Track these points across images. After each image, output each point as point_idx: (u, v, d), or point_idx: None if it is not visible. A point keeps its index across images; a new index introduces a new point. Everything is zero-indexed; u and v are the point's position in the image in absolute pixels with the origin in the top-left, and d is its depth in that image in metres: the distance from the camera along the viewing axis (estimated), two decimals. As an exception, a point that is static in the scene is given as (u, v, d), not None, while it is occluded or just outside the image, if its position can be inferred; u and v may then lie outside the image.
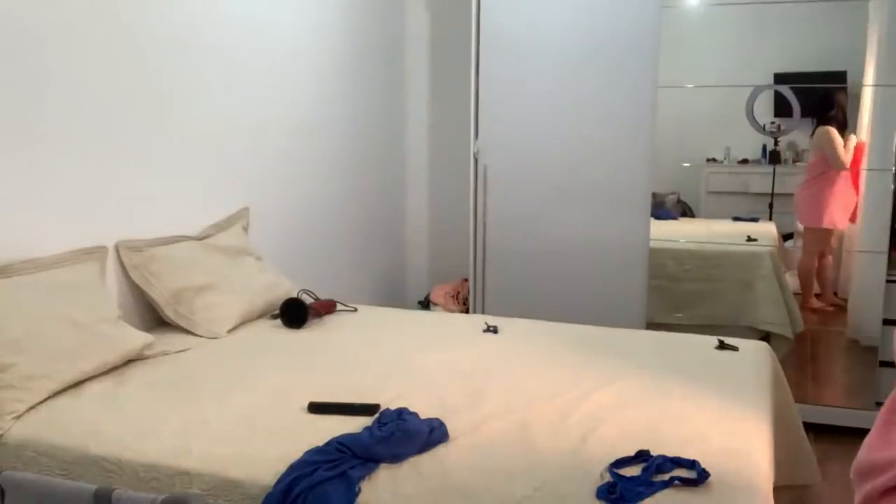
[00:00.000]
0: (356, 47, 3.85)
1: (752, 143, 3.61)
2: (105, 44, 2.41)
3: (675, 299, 3.70)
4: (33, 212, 2.22)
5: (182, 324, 2.51)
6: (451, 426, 1.79)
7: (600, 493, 1.51)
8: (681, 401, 1.97)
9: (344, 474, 1.58)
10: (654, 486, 1.52)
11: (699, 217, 3.75)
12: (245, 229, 3.01)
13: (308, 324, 2.66)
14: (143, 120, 2.57)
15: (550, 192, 3.55)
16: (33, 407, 1.91)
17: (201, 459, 1.69)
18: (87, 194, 2.38)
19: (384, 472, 1.61)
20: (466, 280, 4.00)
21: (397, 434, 1.69)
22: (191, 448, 1.72)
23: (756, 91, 3.50)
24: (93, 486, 1.50)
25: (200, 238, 2.77)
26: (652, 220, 3.47)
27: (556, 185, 3.54)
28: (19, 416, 1.87)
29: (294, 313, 2.65)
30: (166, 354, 2.32)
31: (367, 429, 1.74)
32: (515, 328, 2.65)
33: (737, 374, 2.18)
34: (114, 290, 2.47)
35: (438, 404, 1.93)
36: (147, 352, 2.28)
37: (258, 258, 2.92)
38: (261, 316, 2.77)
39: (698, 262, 3.69)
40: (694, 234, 3.70)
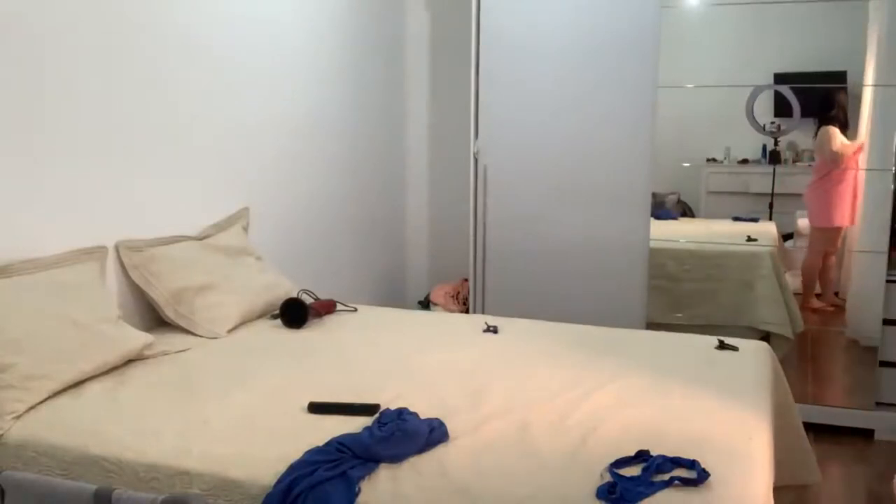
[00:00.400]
0: (356, 47, 3.85)
1: (752, 143, 3.61)
2: (105, 44, 2.41)
3: (675, 299, 3.70)
4: (33, 212, 2.22)
5: (182, 324, 2.52)
6: (451, 426, 1.79)
7: (600, 493, 1.51)
8: (681, 401, 1.97)
9: (344, 474, 1.58)
10: (654, 486, 1.52)
11: (699, 217, 3.75)
12: (245, 229, 3.01)
13: (308, 324, 2.66)
14: (143, 120, 2.57)
15: (550, 192, 3.55)
16: (33, 407, 1.91)
17: (201, 459, 1.69)
18: (87, 194, 2.39)
19: (384, 472, 1.61)
20: (466, 280, 4.00)
21: (397, 434, 1.69)
22: (191, 448, 1.72)
23: (756, 91, 3.50)
24: (93, 486, 1.50)
25: (200, 238, 2.77)
26: (652, 220, 3.47)
27: (556, 185, 3.54)
28: (19, 416, 1.87)
29: (294, 313, 2.65)
30: (166, 354, 2.32)
31: (367, 429, 1.74)
32: (515, 328, 2.65)
33: (737, 374, 2.18)
34: (114, 290, 2.48)
35: (438, 404, 1.93)
36: (147, 352, 2.28)
37: (258, 258, 2.92)
38: (261, 316, 2.77)
39: (698, 262, 3.68)
40: (694, 234, 3.70)
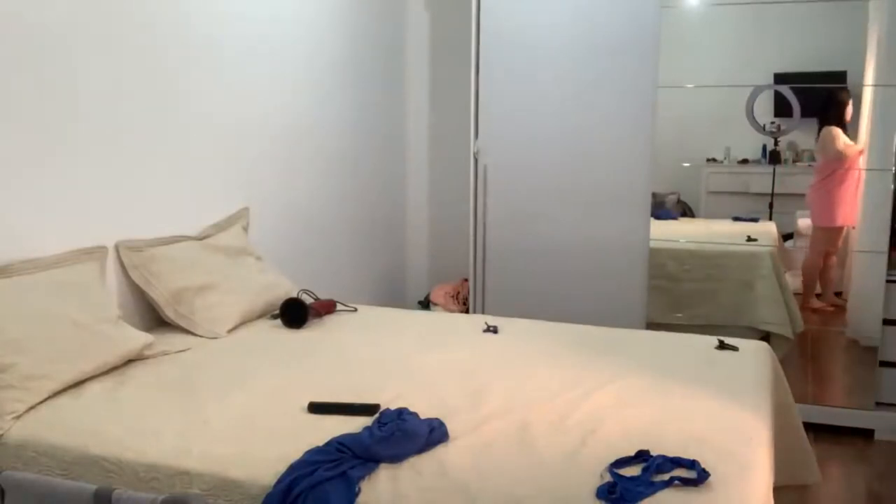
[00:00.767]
0: (356, 47, 3.85)
1: (752, 143, 3.61)
2: (106, 44, 2.41)
3: (675, 299, 3.70)
4: (33, 212, 2.22)
5: (182, 324, 2.52)
6: (451, 426, 1.79)
7: (600, 493, 1.51)
8: (681, 401, 1.97)
9: (344, 474, 1.58)
10: (654, 486, 1.52)
11: (699, 217, 3.75)
12: (245, 229, 3.01)
13: (308, 324, 2.66)
14: (143, 120, 2.57)
15: (550, 191, 3.55)
16: (33, 407, 1.91)
17: (201, 459, 1.69)
18: (87, 194, 2.39)
19: (384, 472, 1.61)
20: (466, 280, 4.00)
21: (397, 434, 1.69)
22: (191, 448, 1.72)
23: (756, 91, 3.50)
24: (93, 486, 1.50)
25: (200, 238, 2.77)
26: (652, 220, 3.47)
27: (556, 185, 3.54)
28: (19, 416, 1.87)
29: (294, 313, 2.65)
30: (166, 354, 2.32)
31: (367, 429, 1.74)
32: (515, 328, 2.65)
33: (737, 374, 2.18)
34: (114, 290, 2.48)
35: (438, 404, 1.93)
36: (147, 352, 2.28)
37: (258, 258, 2.92)
38: (261, 316, 2.77)
39: (698, 262, 3.68)
40: (694, 234, 3.70)
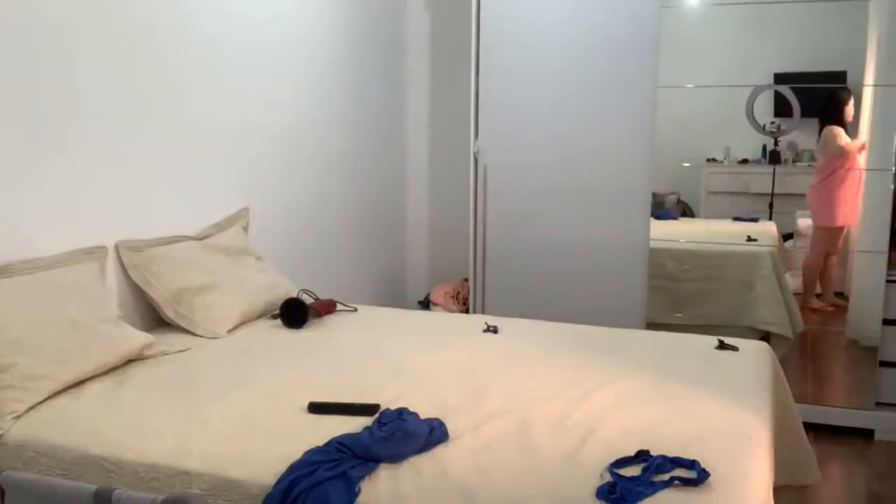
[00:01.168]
0: (356, 47, 3.85)
1: (752, 143, 3.61)
2: (106, 44, 2.41)
3: (675, 299, 3.70)
4: (33, 212, 2.22)
5: (182, 324, 2.51)
6: (451, 426, 1.78)
7: (600, 493, 1.51)
8: (681, 401, 1.97)
9: (344, 474, 1.58)
10: (654, 486, 1.52)
11: (699, 217, 3.75)
12: (245, 229, 3.01)
13: (308, 324, 2.66)
14: (143, 120, 2.57)
15: (550, 191, 3.55)
16: (33, 407, 1.91)
17: (201, 459, 1.69)
18: (87, 194, 2.38)
19: (384, 472, 1.61)
20: (466, 280, 4.00)
21: (397, 434, 1.69)
22: (191, 448, 1.72)
23: (756, 91, 3.50)
24: (93, 486, 1.50)
25: (200, 238, 2.77)
26: (652, 220, 3.47)
27: (556, 185, 3.54)
28: (19, 416, 1.87)
29: (294, 313, 2.65)
30: (166, 354, 2.32)
31: (367, 429, 1.74)
32: (515, 328, 2.65)
33: (737, 374, 2.18)
34: (114, 290, 2.48)
35: (438, 404, 1.93)
36: (147, 352, 2.28)
37: (258, 258, 2.92)
38: (261, 316, 2.77)
39: (698, 262, 3.68)
40: (694, 234, 3.69)
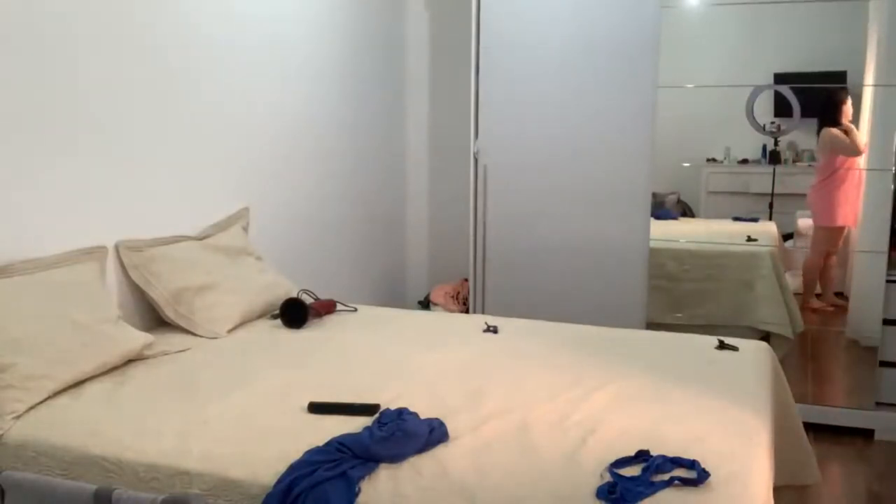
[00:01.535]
0: (356, 47, 3.85)
1: (752, 143, 3.61)
2: (106, 44, 2.41)
3: (675, 299, 3.70)
4: (33, 212, 2.22)
5: (182, 324, 2.52)
6: (451, 426, 1.79)
7: (600, 493, 1.51)
8: (681, 401, 1.97)
9: (344, 474, 1.58)
10: (654, 486, 1.52)
11: (699, 217, 3.75)
12: (245, 229, 3.01)
13: (308, 324, 2.66)
14: (143, 120, 2.57)
15: (550, 191, 3.55)
16: (33, 407, 1.91)
17: (201, 459, 1.69)
18: (87, 194, 2.39)
19: (384, 472, 1.61)
20: (466, 280, 4.00)
21: (397, 434, 1.69)
22: (191, 448, 1.72)
23: (756, 91, 3.50)
24: (93, 486, 1.50)
25: (200, 238, 2.77)
26: (652, 220, 3.47)
27: (556, 185, 3.54)
28: (19, 416, 1.88)
29: (294, 313, 2.65)
30: (166, 354, 2.32)
31: (367, 429, 1.74)
32: (515, 328, 2.65)
33: (737, 374, 2.18)
34: (114, 290, 2.48)
35: (438, 404, 1.93)
36: (147, 352, 2.28)
37: (258, 258, 2.92)
38: (261, 316, 2.77)
39: (698, 262, 3.68)
40: (694, 234, 3.69)
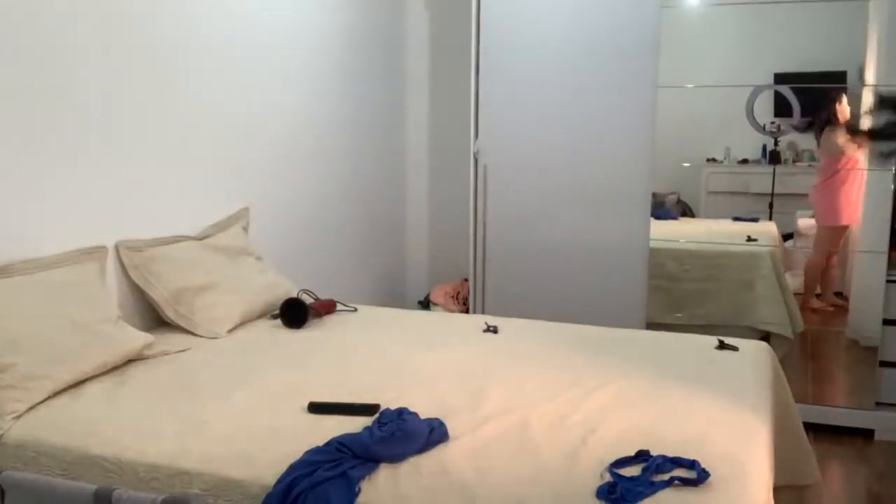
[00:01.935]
0: (356, 47, 3.85)
1: (752, 143, 3.61)
2: (106, 45, 2.41)
3: (675, 299, 3.70)
4: (33, 212, 2.22)
5: (182, 324, 2.52)
6: (451, 426, 1.79)
7: (600, 493, 1.51)
8: (681, 401, 1.97)
9: (344, 474, 1.58)
10: (654, 486, 1.52)
11: (699, 217, 3.75)
12: (245, 229, 3.01)
13: (308, 324, 2.66)
14: (143, 120, 2.57)
15: (550, 191, 3.55)
16: (33, 407, 1.91)
17: (201, 459, 1.69)
18: (87, 194, 2.38)
19: (384, 472, 1.61)
20: (466, 280, 4.00)
21: (397, 434, 1.69)
22: (191, 448, 1.72)
23: (756, 91, 3.50)
24: (93, 486, 1.50)
25: (200, 238, 2.77)
26: (652, 220, 3.47)
27: (556, 185, 3.54)
28: (19, 416, 1.88)
29: (294, 313, 2.65)
30: (166, 354, 2.32)
31: (367, 429, 1.74)
32: (515, 328, 2.65)
33: (737, 374, 2.18)
34: (114, 290, 2.48)
35: (438, 404, 1.93)
36: (147, 352, 2.28)
37: (258, 258, 2.92)
38: (261, 316, 2.77)
39: (698, 262, 3.68)
40: (694, 234, 3.69)
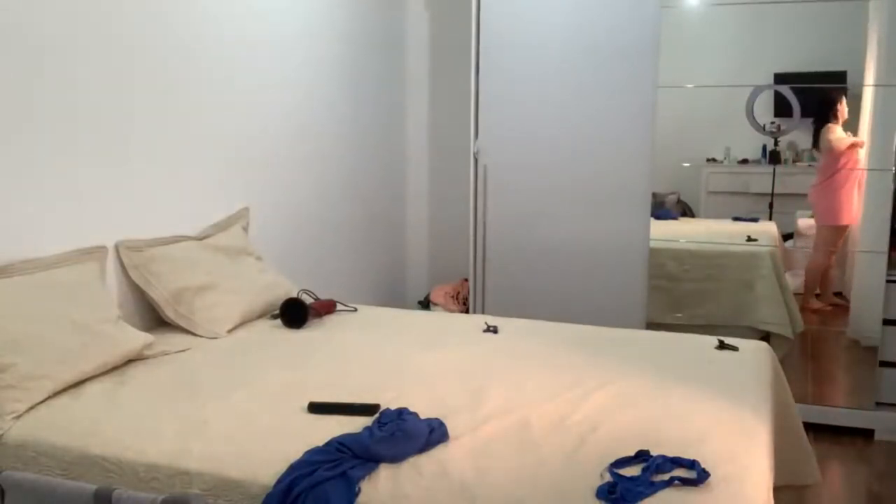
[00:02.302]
0: (356, 47, 3.85)
1: (752, 143, 3.61)
2: (105, 44, 2.41)
3: (675, 299, 3.70)
4: (33, 212, 2.22)
5: (182, 324, 2.52)
6: (451, 426, 1.79)
7: (600, 493, 1.51)
8: (681, 401, 1.97)
9: (344, 474, 1.58)
10: (654, 486, 1.52)
11: (699, 217, 3.75)
12: (245, 229, 3.01)
13: (308, 324, 2.66)
14: (142, 120, 2.57)
15: (550, 191, 3.55)
16: (33, 407, 1.91)
17: (201, 459, 1.69)
18: (87, 194, 2.38)
19: (384, 472, 1.61)
20: (466, 280, 4.00)
21: (397, 434, 1.69)
22: (191, 448, 1.72)
23: (756, 91, 3.50)
24: (93, 486, 1.50)
25: (200, 238, 2.77)
26: (652, 220, 3.47)
27: (556, 185, 3.54)
28: (19, 416, 1.88)
29: (294, 313, 2.65)
30: (166, 354, 2.32)
31: (367, 429, 1.74)
32: (515, 328, 2.65)
33: (737, 374, 2.18)
34: (114, 290, 2.48)
35: (438, 404, 1.93)
36: (147, 352, 2.28)
37: (258, 258, 2.92)
38: (261, 316, 2.77)
39: (698, 262, 3.68)
40: (694, 234, 3.69)
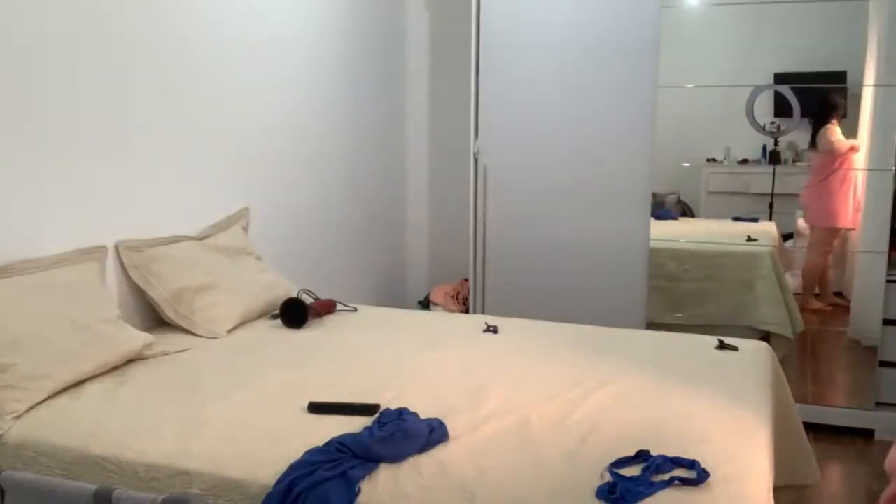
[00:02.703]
0: (356, 47, 3.85)
1: (752, 143, 3.61)
2: (105, 44, 2.41)
3: (675, 299, 3.70)
4: (33, 212, 2.22)
5: (182, 324, 2.52)
6: (451, 426, 1.79)
7: (600, 493, 1.51)
8: (681, 401, 1.97)
9: (344, 474, 1.58)
10: (654, 486, 1.52)
11: (699, 217, 3.75)
12: (245, 229, 3.01)
13: (308, 324, 2.66)
14: (143, 120, 2.57)
15: (550, 191, 3.55)
16: (33, 407, 1.91)
17: (201, 459, 1.69)
18: (86, 194, 2.38)
19: (384, 472, 1.61)
20: (466, 280, 4.00)
21: (397, 434, 1.69)
22: (191, 448, 1.72)
23: (756, 91, 3.50)
24: (93, 486, 1.50)
25: (200, 238, 2.77)
26: (652, 220, 3.47)
27: (557, 185, 3.54)
28: (19, 416, 1.88)
29: (294, 313, 2.65)
30: (166, 354, 2.32)
31: (367, 429, 1.74)
32: (515, 328, 2.65)
33: (737, 374, 2.18)
34: (114, 290, 2.48)
35: (438, 404, 1.93)
36: (147, 352, 2.28)
37: (258, 258, 2.92)
38: (261, 316, 2.77)
39: (698, 262, 3.68)
40: (694, 234, 3.69)
